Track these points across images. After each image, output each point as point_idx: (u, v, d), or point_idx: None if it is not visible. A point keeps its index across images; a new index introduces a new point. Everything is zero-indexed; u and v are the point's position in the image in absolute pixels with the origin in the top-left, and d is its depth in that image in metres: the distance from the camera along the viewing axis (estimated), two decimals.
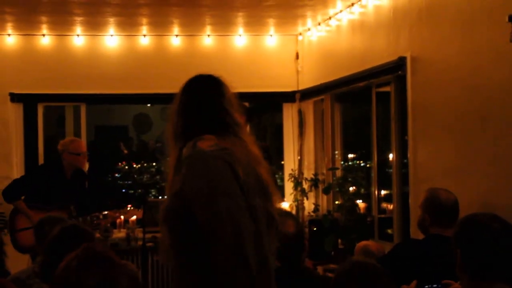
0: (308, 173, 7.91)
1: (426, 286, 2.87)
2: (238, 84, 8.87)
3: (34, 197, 6.20)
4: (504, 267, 2.51)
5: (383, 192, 6.64)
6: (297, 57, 8.14)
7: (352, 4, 6.49)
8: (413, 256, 3.62)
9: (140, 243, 6.72)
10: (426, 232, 3.80)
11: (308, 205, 7.76)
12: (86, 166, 6.86)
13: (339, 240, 6.61)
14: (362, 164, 8.49)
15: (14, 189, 6.22)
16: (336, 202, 7.02)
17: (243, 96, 7.62)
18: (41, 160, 7.72)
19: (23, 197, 6.23)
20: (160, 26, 7.61)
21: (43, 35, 7.68)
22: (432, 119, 5.16)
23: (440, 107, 5.04)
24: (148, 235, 6.73)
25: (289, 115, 8.29)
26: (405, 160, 5.73)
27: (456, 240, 2.62)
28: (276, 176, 8.40)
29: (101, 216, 6.33)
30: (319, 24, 7.40)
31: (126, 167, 11.46)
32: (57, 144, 6.48)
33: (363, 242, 4.81)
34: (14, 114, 7.71)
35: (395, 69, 5.68)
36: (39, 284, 3.03)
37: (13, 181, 6.35)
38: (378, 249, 4.58)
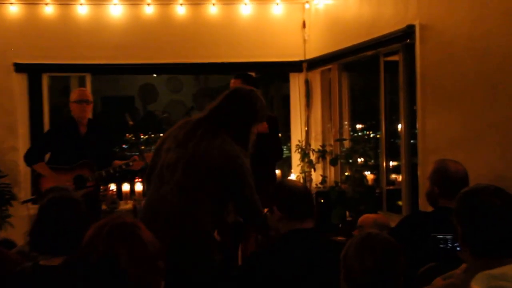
0: (316, 144, 7.88)
1: (440, 236, 2.83)
2: (243, 53, 8.85)
3: (54, 158, 6.14)
4: (507, 244, 2.45)
5: (391, 163, 6.61)
6: (303, 25, 8.05)
7: None
8: (421, 229, 3.59)
9: None
10: (435, 205, 3.75)
11: (316, 176, 7.74)
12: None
13: (347, 212, 6.59)
14: (371, 135, 8.45)
15: (32, 151, 6.17)
16: (346, 174, 6.99)
17: (249, 65, 7.72)
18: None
19: (45, 158, 6.14)
20: None
21: (46, 4, 7.59)
22: (441, 89, 5.10)
23: (449, 76, 4.97)
24: None
25: (296, 85, 8.23)
26: (414, 131, 5.69)
27: (457, 217, 2.57)
28: (284, 147, 8.37)
29: (123, 166, 6.24)
30: None
31: (133, 138, 11.45)
32: (62, 114, 6.42)
33: (367, 215, 4.77)
34: (19, 84, 7.65)
35: (403, 38, 5.62)
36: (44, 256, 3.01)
37: (32, 144, 6.30)
38: (383, 222, 4.53)
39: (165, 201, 3.60)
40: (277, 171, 7.66)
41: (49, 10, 7.64)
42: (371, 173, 6.83)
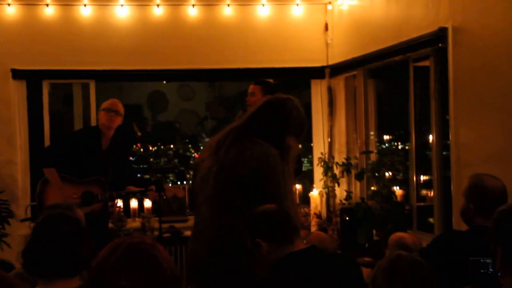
0: (340, 157, 7.86)
1: (481, 260, 2.84)
2: (261, 58, 8.85)
3: (66, 166, 6.12)
4: None
5: (422, 178, 6.59)
6: (326, 28, 8.06)
7: None
8: (456, 249, 3.58)
9: (156, 233, 6.73)
10: (470, 223, 3.74)
11: (340, 192, 7.73)
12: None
13: (374, 231, 6.58)
14: (399, 147, 8.43)
15: (48, 154, 6.22)
16: (372, 188, 6.98)
17: (267, 72, 7.74)
18: (47, 142, 7.68)
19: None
20: None
21: (47, 5, 7.60)
22: (476, 96, 5.09)
23: (485, 83, 4.97)
24: (164, 225, 6.72)
25: (318, 92, 8.23)
26: (447, 142, 5.68)
27: (494, 237, 2.57)
28: (305, 160, 8.37)
29: (138, 195, 6.27)
30: None
31: (141, 149, 11.50)
32: (64, 124, 6.45)
33: (398, 234, 4.76)
34: (17, 92, 7.66)
35: (435, 41, 5.61)
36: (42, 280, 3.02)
37: (48, 146, 6.33)
38: (415, 242, 4.53)
39: (201, 215, 3.80)
40: (298, 186, 7.66)
41: (49, 11, 7.67)
42: (400, 188, 6.81)
